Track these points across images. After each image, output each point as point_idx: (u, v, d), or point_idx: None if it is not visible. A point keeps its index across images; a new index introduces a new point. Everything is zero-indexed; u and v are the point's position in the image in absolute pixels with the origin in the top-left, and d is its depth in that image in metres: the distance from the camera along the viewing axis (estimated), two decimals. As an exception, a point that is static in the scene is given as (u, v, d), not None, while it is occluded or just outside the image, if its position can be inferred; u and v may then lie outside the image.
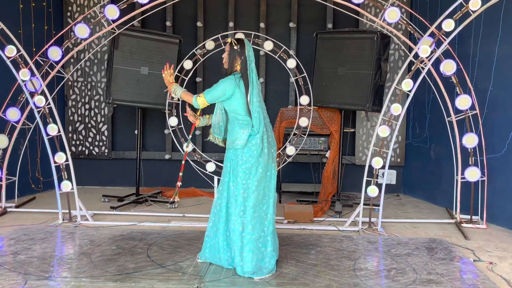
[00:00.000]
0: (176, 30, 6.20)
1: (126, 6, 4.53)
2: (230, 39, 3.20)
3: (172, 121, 5.13)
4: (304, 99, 5.20)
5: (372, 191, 4.24)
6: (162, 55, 5.11)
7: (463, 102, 4.40)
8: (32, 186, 5.55)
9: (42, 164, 5.54)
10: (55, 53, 4.54)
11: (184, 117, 5.24)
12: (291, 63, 5.20)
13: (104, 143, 6.30)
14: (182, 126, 5.16)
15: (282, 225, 4.34)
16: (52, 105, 4.44)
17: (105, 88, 5.55)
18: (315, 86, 5.21)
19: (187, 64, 5.14)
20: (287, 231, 4.17)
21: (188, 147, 4.35)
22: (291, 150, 5.12)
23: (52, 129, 4.41)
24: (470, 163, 4.46)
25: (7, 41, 4.43)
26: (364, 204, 4.29)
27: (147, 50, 5.07)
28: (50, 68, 4.60)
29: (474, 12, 4.06)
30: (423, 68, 4.34)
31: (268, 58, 5.99)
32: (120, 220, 4.49)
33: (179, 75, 5.15)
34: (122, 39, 5.00)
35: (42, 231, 4.00)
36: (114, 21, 4.59)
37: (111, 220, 4.48)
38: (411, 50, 5.14)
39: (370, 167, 4.31)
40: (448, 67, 4.36)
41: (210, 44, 5.18)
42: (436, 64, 4.51)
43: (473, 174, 4.40)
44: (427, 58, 4.27)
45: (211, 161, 5.08)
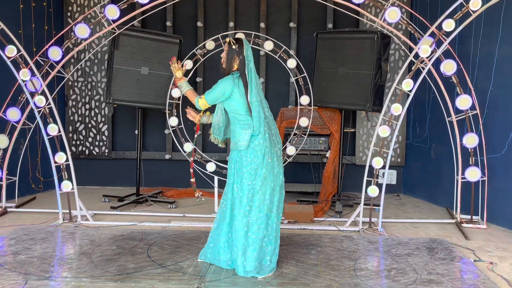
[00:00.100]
0: (176, 30, 6.19)
1: (126, 6, 4.53)
2: (228, 39, 3.19)
3: (172, 121, 5.13)
4: (304, 99, 5.20)
5: (373, 191, 4.24)
6: (162, 55, 5.11)
7: (464, 102, 4.40)
8: (33, 186, 5.55)
9: (43, 164, 5.53)
10: (55, 53, 4.54)
11: (185, 117, 5.25)
12: (291, 63, 5.19)
13: (105, 143, 6.30)
14: (183, 126, 5.16)
15: (282, 225, 4.31)
16: (52, 105, 4.44)
17: (105, 88, 5.55)
18: (315, 86, 5.21)
19: (188, 64, 5.14)
20: (288, 231, 4.17)
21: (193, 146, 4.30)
22: (291, 150, 5.12)
23: (53, 129, 4.41)
24: (471, 163, 4.46)
25: (7, 41, 4.43)
26: (365, 204, 4.29)
27: (147, 50, 5.07)
28: (50, 68, 4.60)
29: (474, 12, 4.06)
30: (423, 68, 4.34)
31: (268, 58, 5.98)
32: (121, 220, 4.49)
33: (179, 75, 5.15)
34: (122, 39, 5.00)
35: (43, 231, 4.01)
36: (114, 21, 4.59)
37: (112, 220, 4.48)
38: (411, 50, 5.14)
39: (371, 167, 4.31)
40: (449, 67, 4.36)
41: (210, 44, 5.18)
42: (437, 64, 4.51)
43: (473, 174, 4.40)
44: (427, 58, 4.27)
45: (211, 161, 5.08)
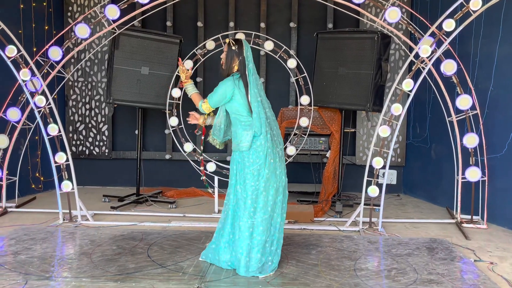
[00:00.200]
0: (176, 30, 6.20)
1: (126, 6, 4.53)
2: (228, 40, 3.18)
3: (173, 121, 5.13)
4: (304, 99, 5.20)
5: (373, 191, 4.24)
6: (162, 55, 5.11)
7: (464, 102, 4.39)
8: (33, 186, 5.55)
9: (43, 164, 5.53)
10: (55, 53, 4.54)
11: (184, 117, 5.26)
12: (292, 63, 5.19)
13: (105, 143, 6.30)
14: (183, 126, 5.16)
15: (282, 225, 4.34)
16: (52, 105, 4.44)
17: (105, 88, 5.55)
18: (315, 86, 5.21)
19: (188, 64, 5.14)
20: (288, 231, 4.15)
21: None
22: (291, 150, 5.12)
23: (53, 129, 4.41)
24: (471, 163, 4.46)
25: (7, 41, 4.43)
26: (365, 204, 4.29)
27: (147, 50, 5.07)
28: (50, 68, 4.60)
29: (474, 12, 4.06)
30: (423, 68, 4.33)
31: (269, 58, 5.98)
32: (121, 220, 4.49)
33: (180, 75, 5.14)
34: (122, 39, 5.00)
35: (43, 231, 4.00)
36: (114, 21, 4.59)
37: (112, 220, 4.48)
38: (411, 50, 5.14)
39: (371, 167, 4.31)
40: (449, 67, 4.35)
41: (210, 44, 5.18)
42: (437, 64, 4.50)
43: (473, 174, 4.40)
44: (427, 58, 4.27)
45: (212, 161, 5.08)
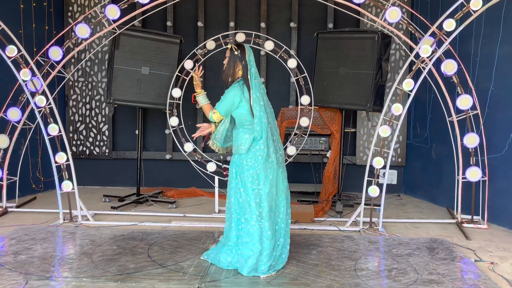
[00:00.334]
0: (176, 30, 6.20)
1: (126, 6, 4.53)
2: (230, 45, 3.19)
3: (173, 121, 5.13)
4: (305, 99, 5.19)
5: (373, 191, 4.24)
6: (162, 55, 5.11)
7: (464, 102, 4.39)
8: (33, 186, 5.55)
9: (43, 164, 5.54)
10: (56, 53, 4.54)
11: (185, 117, 5.28)
12: (292, 63, 5.19)
13: (105, 143, 6.30)
14: (183, 126, 5.16)
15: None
16: (53, 105, 4.44)
17: (105, 88, 5.54)
18: (316, 86, 5.21)
19: (188, 64, 5.14)
20: (288, 231, 4.16)
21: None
22: (292, 150, 5.12)
23: (53, 129, 4.41)
24: (471, 163, 4.46)
25: (8, 41, 4.43)
26: (365, 204, 4.29)
27: (147, 50, 5.07)
28: (51, 68, 4.61)
29: (475, 12, 4.06)
30: (424, 68, 4.33)
31: (269, 58, 5.98)
32: (121, 220, 4.49)
33: (180, 75, 5.15)
34: (122, 39, 5.00)
35: (43, 231, 4.01)
36: (114, 21, 4.59)
37: (112, 220, 4.48)
38: (412, 50, 5.14)
39: (371, 167, 4.31)
40: (449, 67, 4.35)
41: (210, 44, 5.18)
42: (437, 64, 4.50)
43: (474, 174, 4.40)
44: (428, 58, 4.27)
45: (212, 161, 5.08)
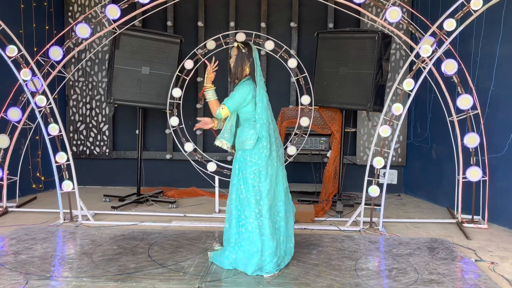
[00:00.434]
0: (177, 30, 6.19)
1: (127, 6, 4.53)
2: (236, 43, 3.20)
3: (173, 121, 5.13)
4: (305, 99, 5.19)
5: (373, 191, 4.24)
6: (163, 55, 5.12)
7: (465, 101, 4.39)
8: (33, 186, 5.55)
9: (43, 164, 5.53)
10: (56, 53, 4.54)
11: (185, 117, 5.28)
12: (292, 63, 5.19)
13: (105, 143, 6.30)
14: (183, 126, 5.16)
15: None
16: (53, 105, 4.44)
17: (106, 88, 5.55)
18: (316, 86, 5.20)
19: (188, 64, 5.14)
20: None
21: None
22: (292, 150, 5.12)
23: (53, 129, 4.41)
24: (472, 163, 4.45)
25: (8, 41, 4.44)
26: (365, 204, 4.29)
27: (148, 50, 5.07)
28: (51, 68, 4.61)
29: (475, 11, 4.06)
30: (424, 68, 4.33)
31: (269, 58, 5.98)
32: (121, 220, 4.49)
33: (180, 75, 5.15)
34: (123, 39, 5.00)
35: (43, 231, 4.01)
36: (115, 21, 4.59)
37: (112, 220, 4.48)
38: (412, 49, 5.13)
39: (371, 167, 4.31)
40: (450, 66, 4.35)
41: (211, 44, 5.18)
42: (438, 63, 4.50)
43: (474, 174, 4.40)
44: (428, 57, 4.27)
45: (212, 161, 5.08)
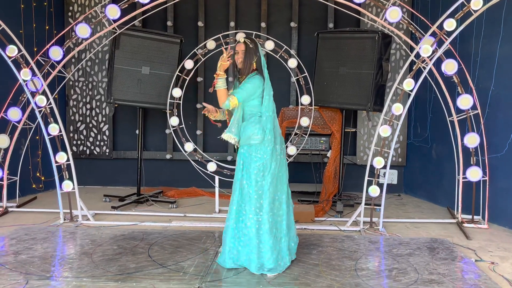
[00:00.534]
0: (177, 30, 6.19)
1: (127, 6, 4.53)
2: (243, 39, 3.20)
3: (173, 120, 5.13)
4: (305, 99, 5.19)
5: (374, 191, 4.24)
6: (163, 55, 5.12)
7: (465, 101, 4.39)
8: (33, 186, 5.55)
9: (43, 164, 5.53)
10: (56, 53, 4.54)
11: (185, 117, 5.28)
12: (292, 63, 5.19)
13: (105, 143, 6.30)
14: (183, 126, 5.16)
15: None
16: (53, 105, 4.44)
17: (106, 88, 5.55)
18: (316, 85, 5.20)
19: (188, 64, 5.14)
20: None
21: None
22: (292, 150, 5.12)
23: (53, 129, 4.41)
24: (472, 163, 4.45)
25: (8, 40, 4.44)
26: (366, 204, 4.29)
27: (148, 50, 5.07)
28: (51, 68, 4.61)
29: (475, 11, 4.06)
30: (424, 68, 4.33)
31: (269, 58, 5.96)
32: (121, 220, 4.49)
33: (180, 75, 5.15)
34: (123, 39, 5.00)
35: (44, 231, 4.01)
36: (115, 21, 4.59)
37: (112, 220, 4.48)
38: (412, 49, 5.13)
39: (372, 167, 4.31)
40: (450, 66, 4.35)
41: (211, 44, 5.18)
42: (438, 63, 4.50)
43: (474, 174, 4.39)
44: (428, 57, 4.27)
45: (212, 161, 5.07)
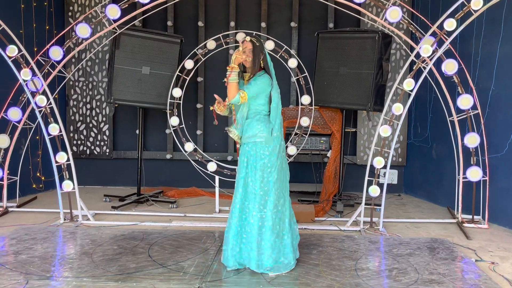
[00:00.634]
0: (177, 30, 6.19)
1: (127, 6, 4.54)
2: (249, 37, 3.19)
3: (173, 120, 5.13)
4: (305, 99, 5.19)
5: (374, 190, 4.24)
6: (163, 55, 5.12)
7: (465, 101, 4.39)
8: (34, 186, 5.55)
9: (44, 164, 5.53)
10: (56, 52, 4.54)
11: (185, 117, 5.28)
12: (293, 63, 5.19)
13: (106, 142, 6.30)
14: (184, 125, 5.16)
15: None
16: (53, 104, 4.44)
17: (106, 87, 5.55)
18: (316, 85, 5.20)
19: (189, 63, 5.14)
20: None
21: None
22: (292, 150, 5.12)
23: (54, 128, 4.41)
24: (472, 162, 4.45)
25: (8, 40, 4.44)
26: (366, 204, 4.28)
27: (148, 50, 5.07)
28: (51, 68, 4.61)
29: (475, 11, 4.06)
30: (424, 68, 4.33)
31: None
32: (122, 219, 4.49)
33: (180, 74, 5.15)
34: (123, 39, 5.00)
35: (44, 230, 4.01)
36: (115, 20, 4.59)
37: (113, 220, 4.48)
38: (412, 49, 5.13)
39: (372, 166, 4.30)
40: (450, 66, 4.35)
41: (211, 44, 5.18)
42: (438, 63, 4.50)
43: (474, 173, 4.39)
44: (428, 57, 4.27)
45: (212, 160, 5.08)
